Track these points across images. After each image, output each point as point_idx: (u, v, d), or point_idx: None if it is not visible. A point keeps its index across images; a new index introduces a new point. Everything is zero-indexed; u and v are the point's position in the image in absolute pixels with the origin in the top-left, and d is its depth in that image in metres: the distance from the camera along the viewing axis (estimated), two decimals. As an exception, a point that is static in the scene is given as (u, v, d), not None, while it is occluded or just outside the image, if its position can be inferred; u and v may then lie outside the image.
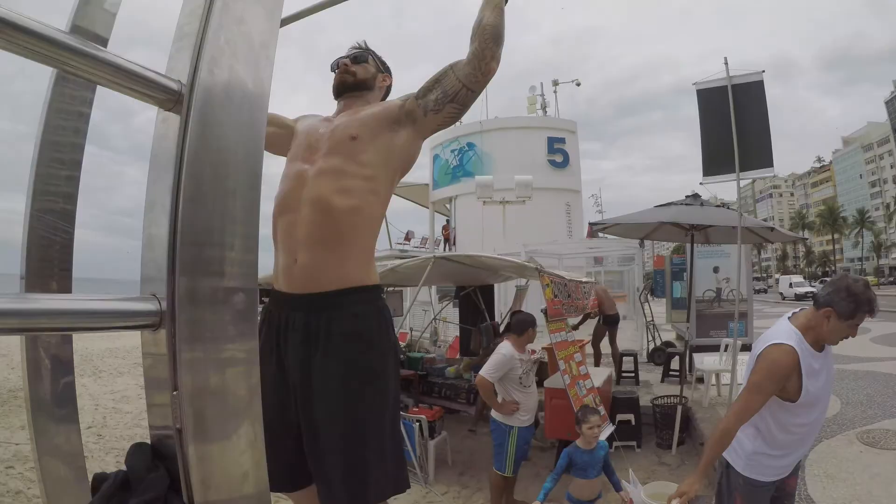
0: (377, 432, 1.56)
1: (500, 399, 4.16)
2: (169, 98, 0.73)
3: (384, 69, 1.93)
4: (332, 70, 1.87)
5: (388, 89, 1.93)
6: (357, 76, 1.83)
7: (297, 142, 1.75)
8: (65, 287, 1.15)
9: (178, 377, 0.68)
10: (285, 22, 2.21)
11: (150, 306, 0.70)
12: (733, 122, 4.22)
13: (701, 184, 4.47)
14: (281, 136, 1.85)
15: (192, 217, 0.70)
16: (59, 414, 1.13)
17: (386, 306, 1.68)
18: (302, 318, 1.53)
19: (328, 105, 1.91)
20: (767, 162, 4.23)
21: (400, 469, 1.68)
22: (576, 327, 8.99)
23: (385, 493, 1.61)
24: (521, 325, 4.27)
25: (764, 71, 4.36)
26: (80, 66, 0.68)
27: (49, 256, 1.15)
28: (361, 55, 1.86)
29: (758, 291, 50.38)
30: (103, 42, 1.24)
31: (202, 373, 0.70)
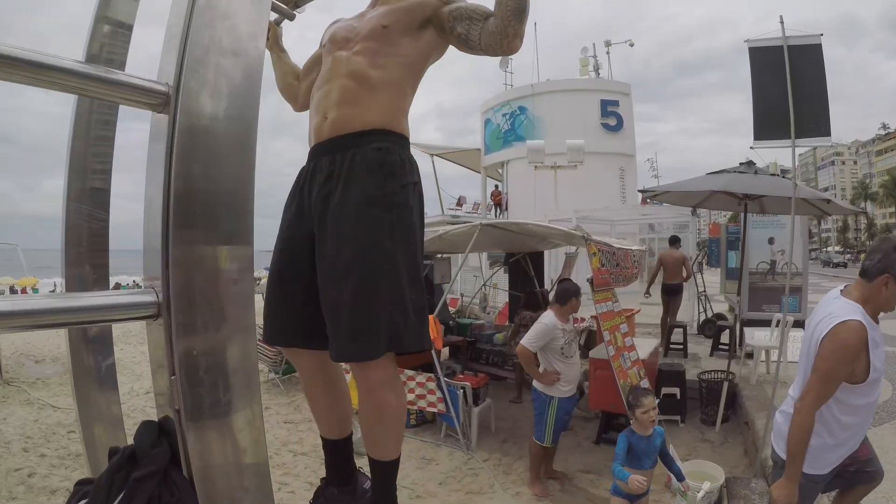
0: (395, 268, 1.47)
1: (541, 369, 4.17)
2: (159, 101, 0.76)
3: None
4: None
5: None
6: None
7: (329, 41, 1.76)
8: (101, 261, 1.24)
9: (175, 363, 0.74)
10: (301, 2, 2.21)
11: (149, 298, 0.76)
12: (789, 84, 3.95)
13: (752, 148, 4.22)
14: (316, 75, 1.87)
15: (183, 214, 0.74)
16: (100, 385, 1.24)
17: (411, 155, 1.65)
18: (328, 159, 1.56)
19: None
20: (825, 130, 3.94)
21: (422, 323, 1.54)
22: (648, 293, 8.83)
23: (405, 344, 1.48)
24: (564, 295, 4.23)
25: (822, 34, 4.04)
26: (73, 85, 0.73)
27: (84, 238, 1.25)
28: None
29: (836, 265, 46.96)
30: (128, 28, 1.31)
31: (197, 359, 0.75)
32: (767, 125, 4.01)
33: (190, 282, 0.74)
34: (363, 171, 1.49)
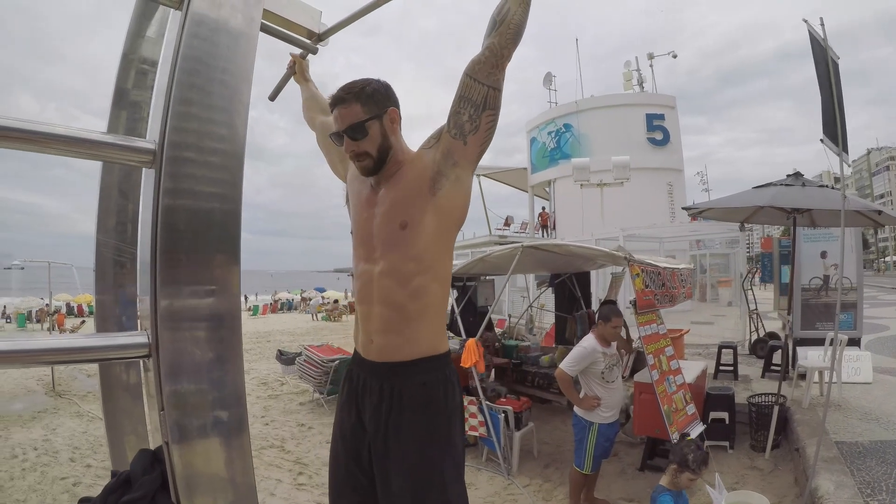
0: (442, 491, 1.64)
1: (582, 393, 4.10)
2: (147, 158, 0.85)
3: (382, 107, 1.64)
4: (336, 144, 1.74)
5: (400, 118, 1.71)
6: (372, 154, 1.63)
7: (354, 227, 1.78)
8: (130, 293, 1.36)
9: (163, 399, 0.81)
10: (323, 36, 2.34)
11: (141, 339, 0.83)
12: (834, 90, 3.81)
13: (821, 140, 4.04)
14: (342, 168, 1.96)
15: (169, 264, 0.81)
16: (129, 401, 1.35)
17: (453, 370, 1.75)
18: (377, 384, 1.67)
19: (424, 91, 1.73)
20: (846, 149, 3.80)
21: None
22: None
23: None
24: (603, 317, 4.16)
25: (840, 58, 3.93)
26: (69, 150, 0.82)
27: (112, 271, 1.37)
28: (356, 128, 1.60)
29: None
30: (152, 64, 1.46)
31: (184, 396, 0.82)
32: (829, 122, 3.86)
33: (177, 326, 0.82)
34: (411, 407, 1.63)
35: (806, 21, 3.91)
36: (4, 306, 26.55)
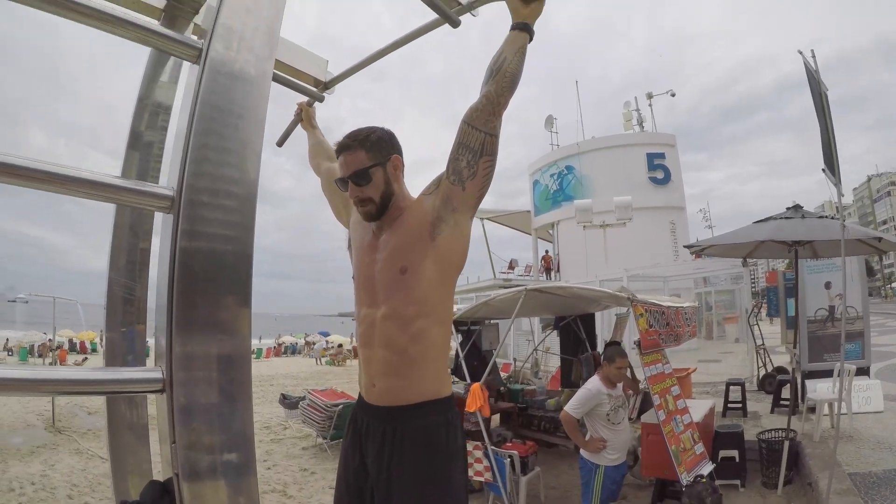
0: None
1: (588, 436, 4.05)
2: (165, 205, 0.90)
3: (386, 155, 1.71)
4: (341, 189, 1.78)
5: (402, 165, 1.77)
6: (375, 199, 1.69)
7: (356, 272, 1.82)
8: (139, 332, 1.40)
9: (175, 432, 0.83)
10: (329, 85, 2.44)
11: (156, 375, 0.87)
12: (828, 119, 3.90)
13: (823, 171, 4.10)
14: (345, 214, 2.01)
15: (185, 304, 0.86)
16: (134, 440, 1.37)
17: (455, 413, 1.76)
18: (379, 427, 1.69)
19: (426, 132, 1.78)
20: (837, 177, 3.88)
21: None
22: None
23: None
24: (607, 358, 4.15)
25: (828, 89, 4.04)
26: (91, 193, 0.87)
27: (122, 310, 1.41)
28: (360, 174, 1.67)
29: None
30: (167, 110, 1.54)
31: (195, 429, 0.85)
32: (827, 153, 3.92)
33: (190, 364, 0.86)
34: (412, 450, 1.64)
35: (801, 53, 4.03)
36: (7, 339, 26.31)
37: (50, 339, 16.58)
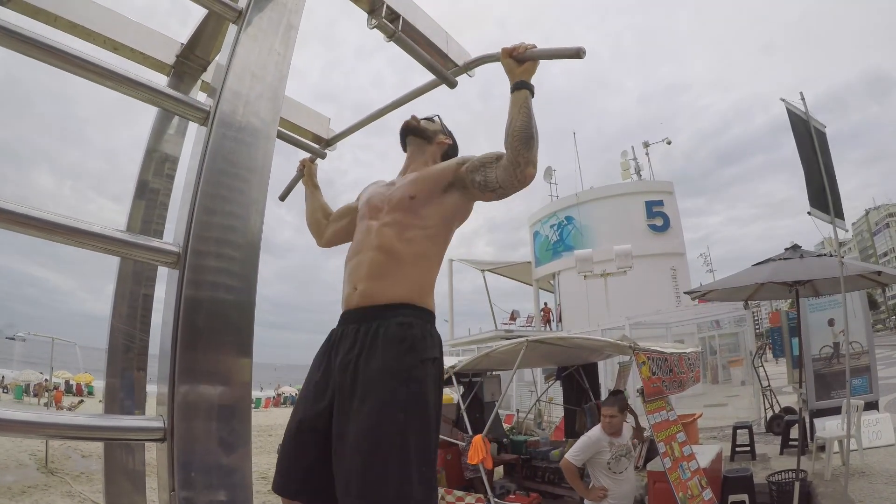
0: (404, 441, 1.51)
1: (591, 484, 3.99)
2: (171, 260, 0.95)
3: (447, 132, 2.12)
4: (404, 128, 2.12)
5: (448, 150, 2.10)
6: (420, 125, 2.06)
7: (363, 205, 1.97)
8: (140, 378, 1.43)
9: (175, 481, 0.86)
10: (331, 142, 2.53)
11: (157, 424, 0.89)
12: (820, 159, 4.00)
13: (808, 213, 4.16)
14: (350, 224, 2.09)
15: (188, 358, 0.89)
16: (131, 487, 1.38)
17: (436, 331, 1.74)
18: (354, 327, 1.67)
19: None
20: (840, 214, 3.95)
21: (428, 496, 1.54)
22: None
23: None
24: (600, 410, 4.13)
25: (826, 126, 4.17)
26: (98, 246, 0.92)
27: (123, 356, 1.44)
28: (430, 116, 2.12)
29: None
30: (174, 161, 1.62)
31: (195, 480, 0.87)
32: (817, 193, 4.00)
33: (191, 413, 0.89)
34: (384, 344, 1.59)
35: (784, 100, 4.17)
36: (3, 377, 25.66)
37: (46, 380, 16.34)
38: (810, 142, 4.13)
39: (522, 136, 1.65)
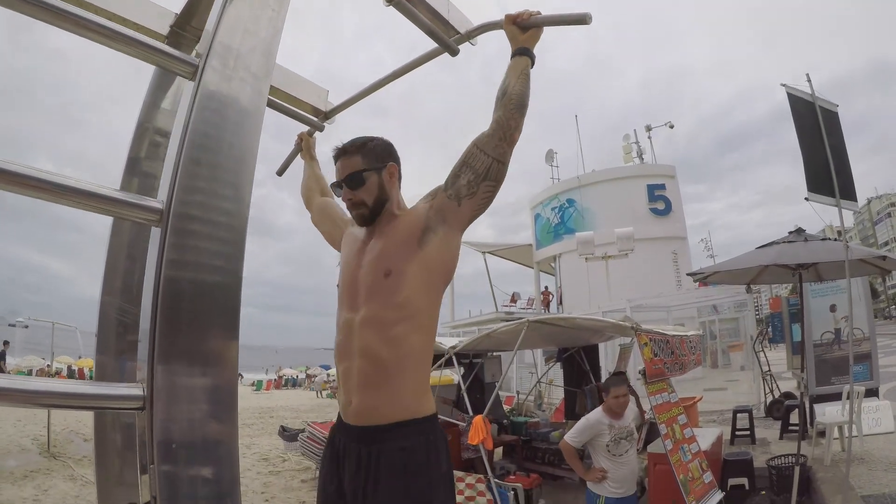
0: None
1: (591, 465, 3.97)
2: (155, 217, 0.88)
3: (382, 162, 1.74)
4: (336, 194, 1.81)
5: (399, 174, 1.80)
6: (368, 203, 1.70)
7: (341, 278, 1.79)
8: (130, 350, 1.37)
9: (154, 453, 0.80)
10: (330, 114, 2.46)
11: (136, 392, 0.83)
12: (826, 142, 3.91)
13: (806, 199, 4.10)
14: (337, 234, 1.99)
15: (169, 321, 0.83)
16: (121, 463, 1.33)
17: (440, 435, 1.67)
18: (355, 449, 1.61)
19: (432, 170, 1.80)
20: (852, 196, 3.87)
21: None
22: None
23: None
24: (605, 389, 4.09)
25: (838, 105, 4.08)
26: (81, 202, 0.86)
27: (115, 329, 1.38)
28: (354, 177, 1.70)
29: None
30: (165, 135, 1.55)
31: (175, 451, 0.81)
32: (817, 178, 3.92)
33: (172, 382, 0.82)
34: (388, 474, 1.55)
35: (784, 85, 4.08)
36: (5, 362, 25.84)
37: (48, 365, 16.41)
38: (814, 123, 4.04)
39: (519, 102, 1.61)
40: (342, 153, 1.73)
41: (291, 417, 14.86)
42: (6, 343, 17.21)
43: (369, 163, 1.71)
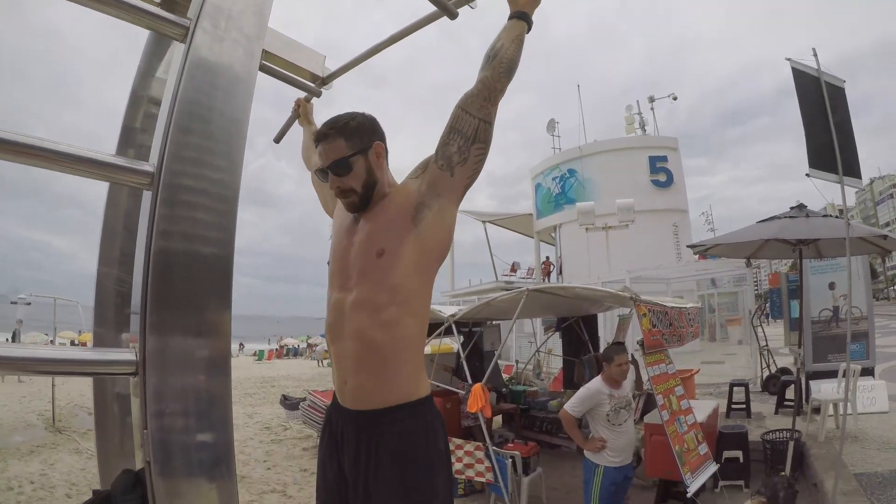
0: None
1: (591, 435, 4.00)
2: (146, 181, 0.86)
3: (367, 142, 1.64)
4: (321, 180, 1.75)
5: (386, 150, 1.71)
6: (357, 189, 1.62)
7: (331, 256, 1.75)
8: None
9: (147, 418, 0.80)
10: (327, 80, 2.42)
11: (129, 356, 0.83)
12: (831, 118, 3.86)
13: (807, 175, 4.06)
14: (332, 203, 1.94)
15: (161, 284, 0.82)
16: (121, 430, 1.34)
17: (435, 415, 1.66)
18: (353, 434, 1.60)
19: (430, 140, 1.71)
20: (857, 172, 3.83)
21: None
22: None
23: None
24: (606, 358, 4.09)
25: (845, 81, 4.01)
26: (72, 167, 0.84)
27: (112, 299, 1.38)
28: (340, 164, 1.60)
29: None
30: (156, 103, 1.52)
31: (169, 417, 0.81)
32: (819, 155, 3.88)
33: (164, 346, 0.82)
34: (388, 460, 1.54)
35: (789, 59, 4.00)
36: (8, 339, 26.03)
37: (51, 341, 16.57)
38: (818, 99, 3.97)
39: (509, 67, 1.57)
40: (323, 138, 1.61)
41: (293, 386, 15.05)
42: (20, 322, 17.42)
43: (354, 145, 1.61)
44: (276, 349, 34.90)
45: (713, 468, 4.52)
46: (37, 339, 23.12)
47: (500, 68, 1.56)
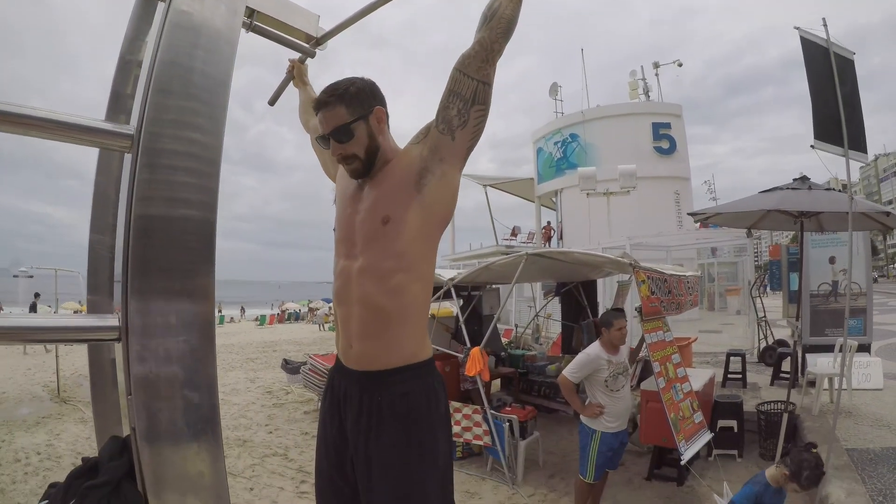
0: (422, 501, 1.59)
1: (587, 401, 4.04)
2: (126, 144, 0.84)
3: (368, 107, 1.62)
4: (323, 147, 1.73)
5: (387, 114, 1.68)
6: (360, 155, 1.61)
7: (337, 223, 1.76)
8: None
9: (131, 384, 0.79)
10: (321, 40, 2.36)
11: (112, 322, 0.82)
12: (838, 90, 3.78)
13: (812, 146, 4.01)
14: (333, 167, 1.92)
15: (142, 247, 0.80)
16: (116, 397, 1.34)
17: (437, 377, 1.69)
18: (357, 394, 1.62)
19: (433, 101, 1.67)
20: (863, 147, 3.77)
21: None
22: None
23: None
24: (604, 323, 4.10)
25: (855, 53, 3.91)
26: (52, 133, 0.81)
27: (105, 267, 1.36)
28: (341, 130, 1.59)
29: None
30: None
31: (153, 382, 0.80)
32: (824, 126, 3.82)
33: (147, 311, 0.80)
34: (391, 419, 1.57)
35: (798, 28, 3.90)
36: (10, 313, 26.17)
37: (54, 312, 16.76)
38: (826, 70, 3.88)
39: (508, 27, 1.53)
40: (323, 105, 1.60)
41: (294, 351, 15.21)
42: (37, 295, 17.72)
43: (354, 111, 1.59)
44: (278, 314, 35.17)
45: (708, 437, 4.58)
46: (39, 310, 23.19)
47: (497, 28, 1.52)
